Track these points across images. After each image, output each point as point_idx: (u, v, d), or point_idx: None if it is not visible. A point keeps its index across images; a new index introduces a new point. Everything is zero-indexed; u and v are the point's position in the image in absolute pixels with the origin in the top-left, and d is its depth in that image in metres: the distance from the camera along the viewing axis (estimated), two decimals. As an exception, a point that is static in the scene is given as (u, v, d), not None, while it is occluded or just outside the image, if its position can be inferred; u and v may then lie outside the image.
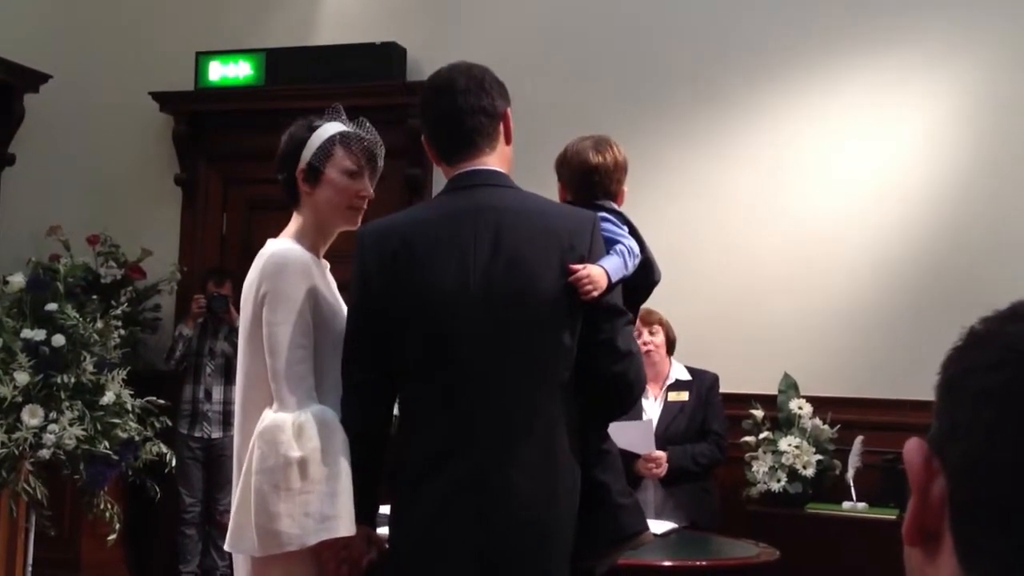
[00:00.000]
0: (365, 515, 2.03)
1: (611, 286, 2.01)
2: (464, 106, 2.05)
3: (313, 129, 2.18)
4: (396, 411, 2.10)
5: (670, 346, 3.81)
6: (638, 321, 3.70)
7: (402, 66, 5.02)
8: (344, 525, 1.98)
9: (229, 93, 5.25)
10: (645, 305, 3.63)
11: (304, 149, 2.16)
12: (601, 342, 2.00)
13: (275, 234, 2.25)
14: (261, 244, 2.23)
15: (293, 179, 2.18)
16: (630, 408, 2.25)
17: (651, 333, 3.73)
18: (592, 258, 2.00)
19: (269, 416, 2.02)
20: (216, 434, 4.83)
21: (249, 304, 2.10)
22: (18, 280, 3.60)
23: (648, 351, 3.62)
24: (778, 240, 4.43)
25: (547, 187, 2.30)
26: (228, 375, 4.79)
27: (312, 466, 1.97)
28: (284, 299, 2.05)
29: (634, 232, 2.21)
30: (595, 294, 1.97)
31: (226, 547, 2.10)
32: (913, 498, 0.61)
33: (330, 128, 2.18)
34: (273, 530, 1.97)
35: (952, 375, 0.62)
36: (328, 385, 2.07)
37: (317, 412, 2.02)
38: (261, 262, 2.11)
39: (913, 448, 0.61)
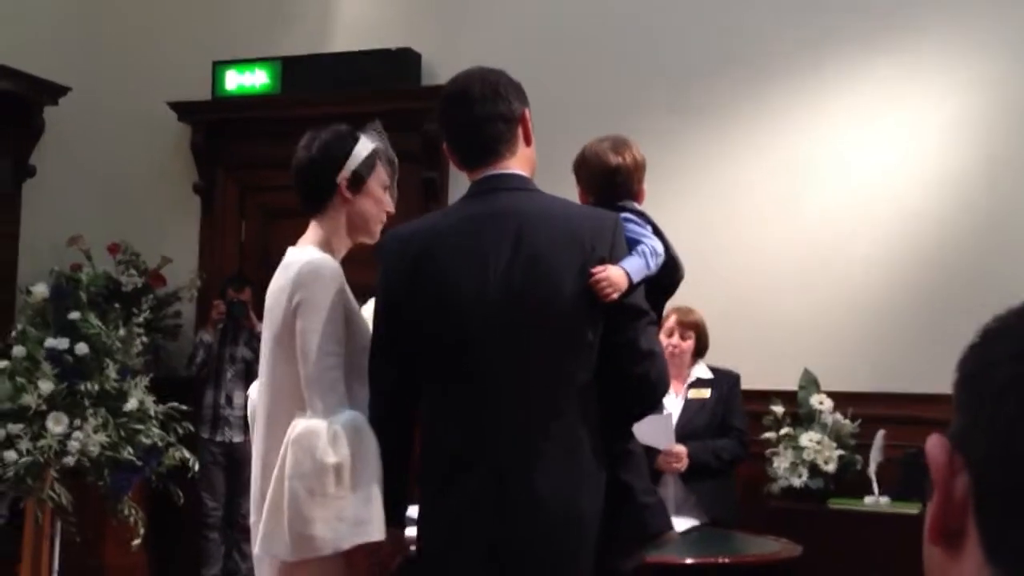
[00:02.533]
0: (394, 517, 2.05)
1: (632, 287, 2.01)
2: (481, 114, 2.06)
3: (356, 139, 2.22)
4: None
5: (700, 350, 3.81)
6: (675, 319, 3.71)
7: (417, 71, 5.04)
8: (377, 529, 2.00)
9: (246, 102, 5.28)
10: (684, 307, 3.65)
11: (350, 158, 2.20)
12: (623, 343, 2.00)
13: (294, 241, 2.27)
14: (279, 251, 2.25)
15: (328, 184, 2.20)
16: (653, 409, 2.25)
17: (683, 337, 3.73)
18: (614, 260, 2.00)
19: (303, 422, 2.04)
20: (237, 438, 4.86)
21: (280, 311, 2.12)
22: (41, 290, 3.64)
23: (672, 353, 3.61)
24: (796, 237, 4.43)
25: (564, 186, 2.31)
26: (248, 380, 4.81)
27: (347, 472, 1.99)
28: (319, 307, 2.07)
29: (657, 232, 2.21)
30: (615, 296, 1.98)
31: (256, 551, 2.10)
32: (936, 495, 0.61)
33: (371, 141, 2.24)
34: (307, 535, 1.99)
35: (971, 370, 0.62)
36: (357, 391, 2.09)
37: (350, 418, 2.04)
38: (294, 270, 2.12)
39: (935, 444, 0.61)
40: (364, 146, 2.21)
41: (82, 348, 3.48)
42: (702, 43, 4.64)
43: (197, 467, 3.67)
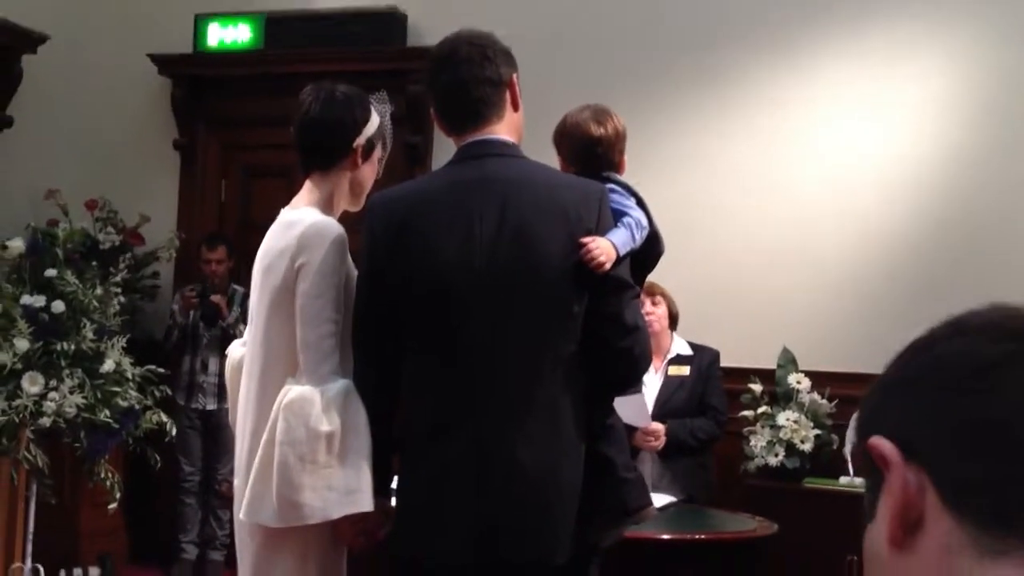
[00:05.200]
0: (381, 486, 2.04)
1: (619, 259, 2.00)
2: (468, 77, 2.03)
3: (370, 106, 2.21)
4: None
5: (672, 320, 3.80)
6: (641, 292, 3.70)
7: (403, 32, 4.97)
8: (367, 499, 1.99)
9: (228, 57, 5.20)
10: (648, 279, 3.64)
11: (368, 124, 2.18)
12: (608, 316, 1.99)
13: (275, 200, 2.23)
14: (260, 210, 2.22)
15: (344, 147, 2.16)
16: (636, 382, 2.24)
17: (654, 304, 3.72)
18: (600, 231, 2.00)
19: (296, 389, 2.01)
20: (211, 406, 4.81)
21: (281, 272, 2.08)
22: (17, 245, 3.58)
23: (650, 321, 3.61)
24: (777, 215, 4.42)
25: (550, 153, 2.29)
26: (224, 347, 4.76)
27: (338, 441, 1.98)
28: (323, 272, 2.04)
29: (641, 204, 2.19)
30: (608, 266, 1.96)
31: (242, 516, 2.08)
32: (893, 494, 0.66)
33: (379, 111, 2.24)
34: (295, 502, 1.97)
35: (916, 373, 0.69)
36: (349, 358, 2.07)
37: (342, 387, 2.02)
38: (298, 231, 2.08)
39: (886, 445, 0.67)
40: (376, 115, 2.21)
41: (59, 306, 3.44)
42: (689, 18, 4.61)
43: (174, 431, 3.64)
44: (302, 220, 2.09)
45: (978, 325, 0.69)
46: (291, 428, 1.98)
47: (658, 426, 3.53)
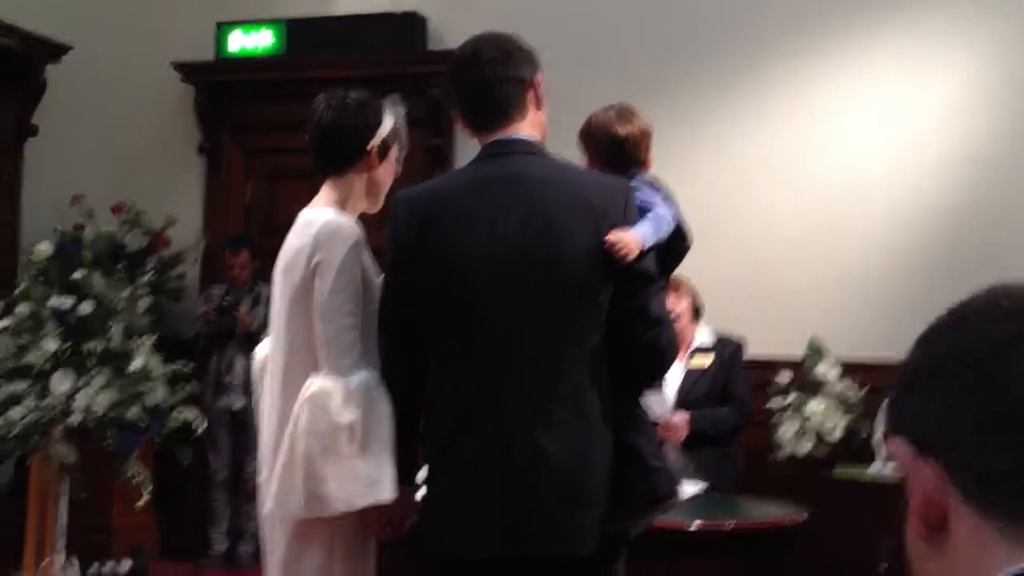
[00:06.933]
0: (406, 477, 2.06)
1: (644, 252, 2.00)
2: (491, 76, 2.04)
3: (385, 109, 2.24)
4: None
5: (696, 312, 3.80)
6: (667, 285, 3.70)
7: (423, 35, 5.00)
8: (389, 489, 2.01)
9: (250, 63, 5.24)
10: (673, 274, 3.64)
11: (382, 125, 2.22)
12: (633, 309, 1.99)
13: (298, 202, 2.26)
14: (284, 212, 2.25)
15: (358, 150, 2.20)
16: (663, 374, 2.25)
17: (677, 298, 3.71)
18: (625, 225, 2.00)
19: (317, 382, 2.05)
20: (238, 404, 4.86)
21: (299, 271, 2.12)
22: (45, 248, 3.63)
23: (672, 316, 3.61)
24: (803, 204, 4.42)
25: (574, 151, 2.30)
26: (249, 347, 4.81)
27: (360, 431, 2.01)
28: (338, 268, 2.08)
29: (667, 199, 2.20)
30: (630, 258, 1.96)
31: (269, 507, 2.11)
32: (912, 500, 0.67)
33: (393, 113, 2.27)
34: (320, 493, 2.00)
35: (930, 366, 0.70)
36: (372, 351, 2.10)
37: (365, 379, 2.05)
38: (313, 230, 2.12)
39: (900, 447, 0.68)
40: (391, 117, 2.24)
41: (86, 307, 3.47)
42: (710, 16, 4.62)
43: (205, 424, 3.68)
44: (318, 219, 2.14)
45: (976, 311, 0.69)
46: (314, 420, 2.01)
47: (679, 418, 3.53)
